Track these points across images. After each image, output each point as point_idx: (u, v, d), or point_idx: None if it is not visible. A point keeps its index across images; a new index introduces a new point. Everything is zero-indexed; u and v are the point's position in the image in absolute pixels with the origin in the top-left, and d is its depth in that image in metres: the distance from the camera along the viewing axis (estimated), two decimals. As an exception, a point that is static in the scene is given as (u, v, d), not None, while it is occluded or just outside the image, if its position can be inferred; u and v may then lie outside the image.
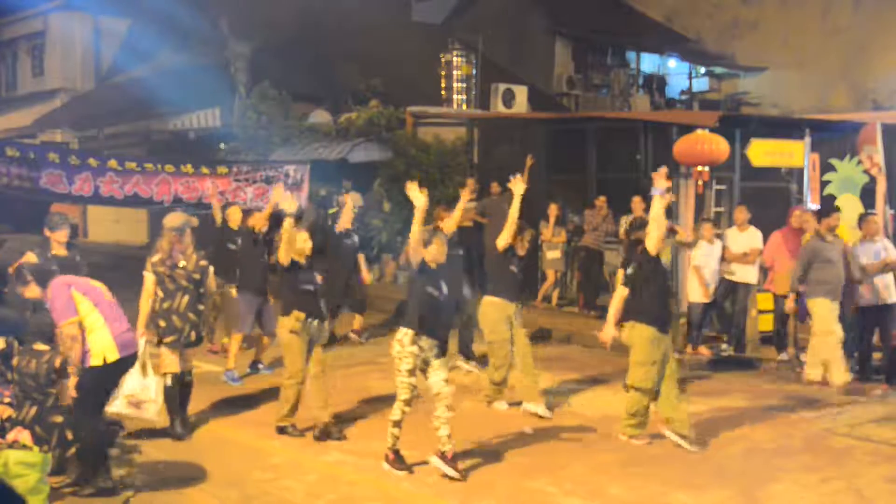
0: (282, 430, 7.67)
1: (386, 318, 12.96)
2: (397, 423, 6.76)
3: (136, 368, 6.72)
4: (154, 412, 7.01)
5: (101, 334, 6.00)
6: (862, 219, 10.10)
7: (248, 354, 10.25)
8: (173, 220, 7.79)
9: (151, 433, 7.47)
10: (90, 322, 5.99)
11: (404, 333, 6.67)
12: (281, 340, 7.74)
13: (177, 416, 7.58)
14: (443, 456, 6.61)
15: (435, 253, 6.77)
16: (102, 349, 5.99)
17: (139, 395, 6.84)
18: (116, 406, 6.76)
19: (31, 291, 6.03)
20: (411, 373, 6.67)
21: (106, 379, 6.18)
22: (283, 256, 7.68)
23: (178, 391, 7.60)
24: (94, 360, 5.98)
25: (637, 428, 7.50)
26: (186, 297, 7.59)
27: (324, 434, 7.54)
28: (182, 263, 7.63)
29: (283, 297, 7.80)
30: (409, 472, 6.74)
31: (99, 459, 6.14)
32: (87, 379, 6.00)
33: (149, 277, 7.63)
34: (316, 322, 7.68)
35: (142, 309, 7.56)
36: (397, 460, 6.81)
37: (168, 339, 7.55)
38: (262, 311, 9.94)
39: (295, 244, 7.69)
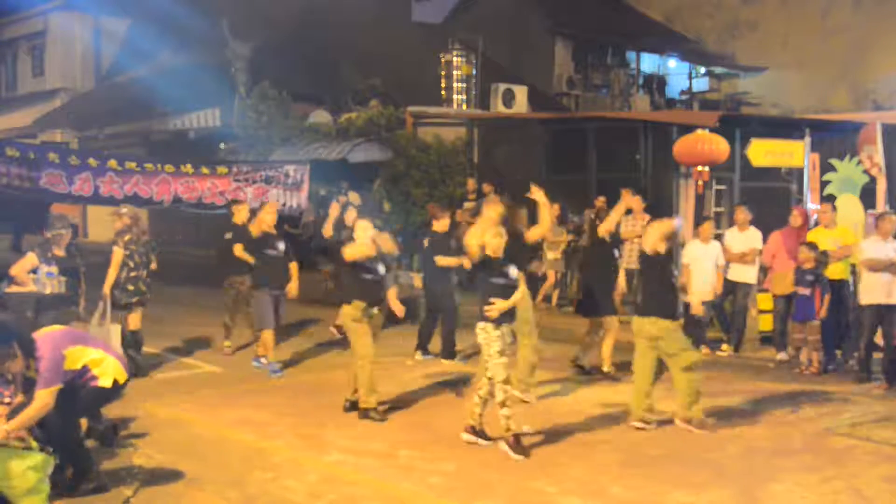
0: (365, 415, 8.03)
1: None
2: (503, 404, 7.01)
3: (95, 320, 9.14)
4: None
5: (109, 361, 6.17)
6: (880, 217, 10.06)
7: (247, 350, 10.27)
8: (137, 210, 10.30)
9: (151, 433, 7.50)
10: (93, 358, 6.09)
11: (486, 324, 7.09)
12: (346, 328, 8.25)
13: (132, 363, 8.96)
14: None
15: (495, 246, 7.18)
16: (114, 373, 6.16)
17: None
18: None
19: (18, 364, 5.64)
20: (502, 353, 7.04)
21: (110, 396, 6.34)
22: (358, 250, 8.17)
23: (133, 341, 9.56)
24: (104, 382, 6.10)
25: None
26: (146, 271, 9.69)
27: (363, 414, 8.08)
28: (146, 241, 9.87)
29: (346, 286, 8.33)
30: (525, 456, 6.98)
31: (87, 458, 6.22)
32: (93, 397, 6.14)
33: (119, 252, 9.50)
34: (375, 310, 8.25)
35: (110, 275, 9.43)
36: (516, 443, 7.03)
37: (134, 300, 9.58)
38: (278, 305, 10.09)
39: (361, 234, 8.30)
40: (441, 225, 10.73)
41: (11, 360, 5.55)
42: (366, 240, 8.27)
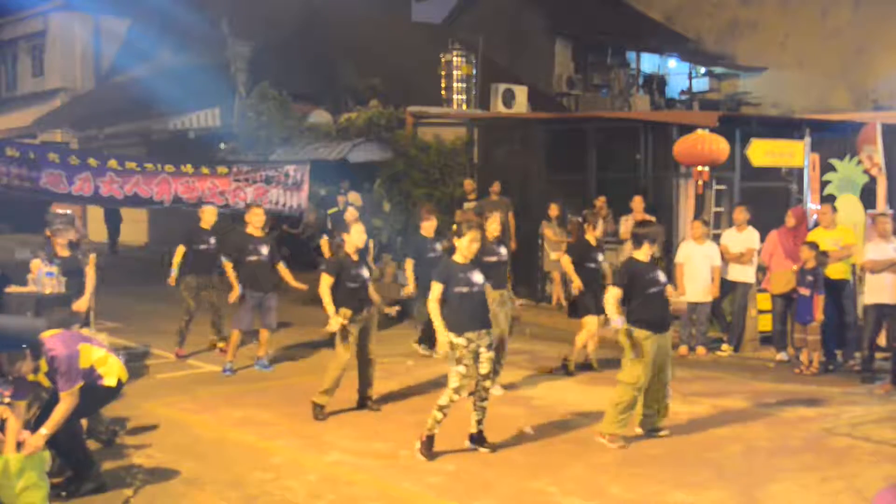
0: (315, 406, 8.17)
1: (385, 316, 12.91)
2: (442, 409, 7.00)
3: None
4: None
5: (112, 360, 6.21)
6: (876, 219, 10.07)
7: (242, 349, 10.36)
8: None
9: (151, 433, 7.50)
10: (98, 356, 6.13)
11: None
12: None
13: None
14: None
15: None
16: (118, 372, 6.21)
17: None
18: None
19: (28, 365, 5.63)
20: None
21: (113, 395, 6.37)
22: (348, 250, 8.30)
23: None
24: (109, 382, 6.14)
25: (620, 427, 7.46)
26: None
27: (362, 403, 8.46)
28: None
29: (335, 293, 8.26)
30: (428, 459, 6.96)
31: (87, 458, 6.22)
32: (97, 396, 6.15)
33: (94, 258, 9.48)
34: (364, 313, 8.28)
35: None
36: (426, 446, 7.03)
37: None
38: (262, 305, 10.07)
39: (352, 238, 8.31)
40: (427, 229, 10.69)
41: (21, 361, 5.58)
42: (357, 235, 8.33)
